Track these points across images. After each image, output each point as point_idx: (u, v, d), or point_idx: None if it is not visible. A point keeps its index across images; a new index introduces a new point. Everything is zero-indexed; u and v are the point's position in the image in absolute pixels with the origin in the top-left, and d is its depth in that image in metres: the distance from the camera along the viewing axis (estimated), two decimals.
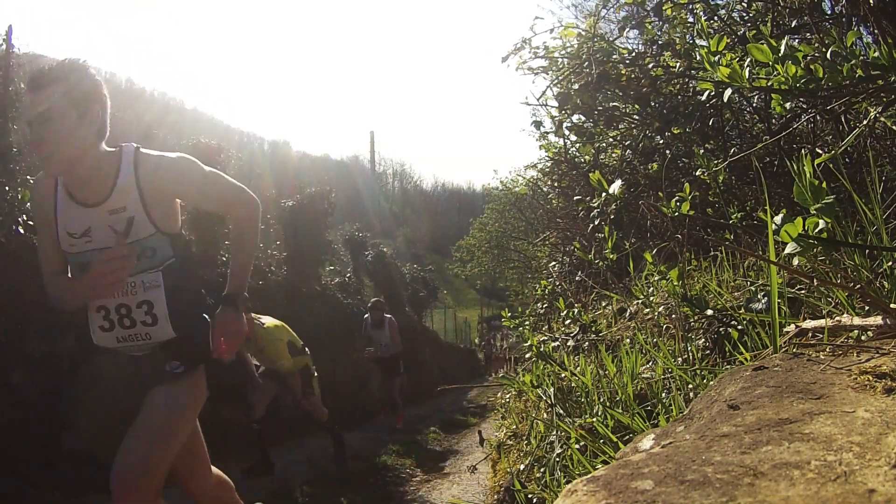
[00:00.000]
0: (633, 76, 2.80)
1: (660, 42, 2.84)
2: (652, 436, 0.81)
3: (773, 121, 2.46)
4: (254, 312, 4.57)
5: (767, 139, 2.20)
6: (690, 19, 2.85)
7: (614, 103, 3.17)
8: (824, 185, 0.96)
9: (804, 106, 1.83)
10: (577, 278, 3.61)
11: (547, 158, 4.46)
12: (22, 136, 4.59)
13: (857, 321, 0.98)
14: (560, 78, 3.09)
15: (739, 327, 1.38)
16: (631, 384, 1.55)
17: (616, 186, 1.81)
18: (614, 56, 2.80)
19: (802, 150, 1.82)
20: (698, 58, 1.97)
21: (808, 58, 1.20)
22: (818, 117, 2.13)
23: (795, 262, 1.02)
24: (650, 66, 2.69)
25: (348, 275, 10.27)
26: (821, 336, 1.02)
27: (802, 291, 1.34)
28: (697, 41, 2.56)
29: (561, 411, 1.71)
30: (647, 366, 1.65)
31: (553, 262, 4.60)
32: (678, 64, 2.56)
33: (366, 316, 7.57)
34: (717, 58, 1.33)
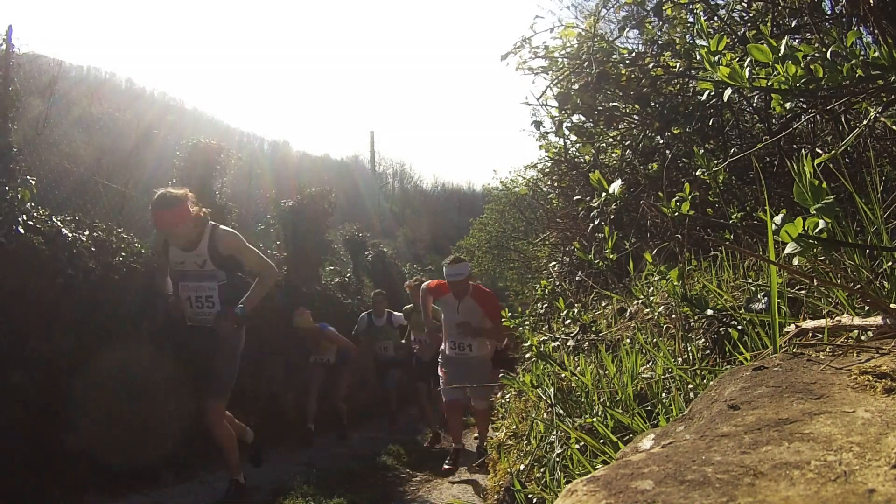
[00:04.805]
0: (633, 76, 2.80)
1: (660, 42, 2.84)
2: (652, 436, 0.81)
3: (773, 121, 2.46)
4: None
5: (767, 139, 2.20)
6: (690, 19, 2.85)
7: (614, 103, 3.16)
8: (824, 185, 0.96)
9: (804, 106, 1.83)
10: (577, 278, 3.61)
11: (547, 158, 4.46)
12: (22, 137, 4.60)
13: (857, 321, 0.98)
14: (560, 78, 3.09)
15: (739, 327, 1.38)
16: (631, 384, 1.55)
17: (616, 186, 1.81)
18: (614, 56, 2.80)
19: (802, 150, 1.83)
20: (698, 58, 1.97)
21: (808, 58, 1.20)
22: (818, 117, 2.13)
23: (795, 262, 1.02)
24: (650, 66, 2.68)
25: (348, 275, 10.27)
26: (821, 336, 1.02)
27: (802, 291, 1.34)
28: (697, 41, 2.55)
29: (561, 411, 1.71)
30: (647, 366, 1.65)
31: (553, 262, 4.60)
32: (678, 64, 2.56)
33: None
34: (717, 58, 1.33)
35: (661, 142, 2.96)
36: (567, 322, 2.64)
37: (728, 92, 1.44)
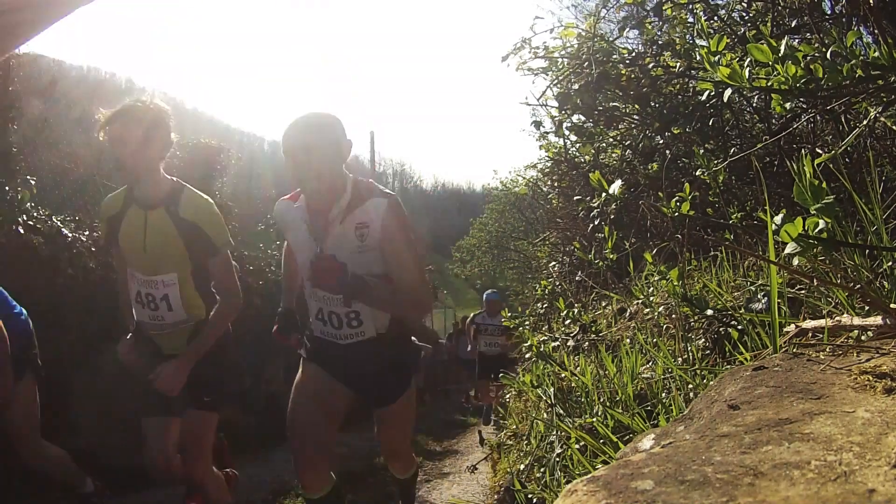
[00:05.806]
0: (633, 76, 2.80)
1: (660, 42, 2.84)
2: (652, 436, 0.81)
3: (773, 121, 2.46)
4: None
5: (767, 139, 2.20)
6: (690, 19, 2.85)
7: (614, 103, 3.17)
8: (824, 185, 0.95)
9: (804, 106, 1.83)
10: (577, 278, 3.61)
11: (547, 158, 4.47)
12: (22, 137, 4.60)
13: (857, 321, 0.98)
14: (560, 78, 3.09)
15: (739, 327, 1.38)
16: (631, 384, 1.55)
17: (616, 186, 1.81)
18: (614, 56, 2.80)
19: (802, 150, 1.83)
20: (698, 58, 1.97)
21: (808, 58, 1.20)
22: (818, 117, 2.13)
23: (795, 262, 1.02)
24: (650, 66, 2.69)
25: None
26: (821, 336, 1.02)
27: (802, 291, 1.34)
28: (697, 41, 2.55)
29: (561, 411, 1.71)
30: (647, 366, 1.65)
31: (553, 262, 4.61)
32: (678, 64, 2.56)
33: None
34: (717, 58, 1.33)
35: (661, 142, 2.96)
36: (567, 322, 2.64)
37: (728, 92, 1.44)
